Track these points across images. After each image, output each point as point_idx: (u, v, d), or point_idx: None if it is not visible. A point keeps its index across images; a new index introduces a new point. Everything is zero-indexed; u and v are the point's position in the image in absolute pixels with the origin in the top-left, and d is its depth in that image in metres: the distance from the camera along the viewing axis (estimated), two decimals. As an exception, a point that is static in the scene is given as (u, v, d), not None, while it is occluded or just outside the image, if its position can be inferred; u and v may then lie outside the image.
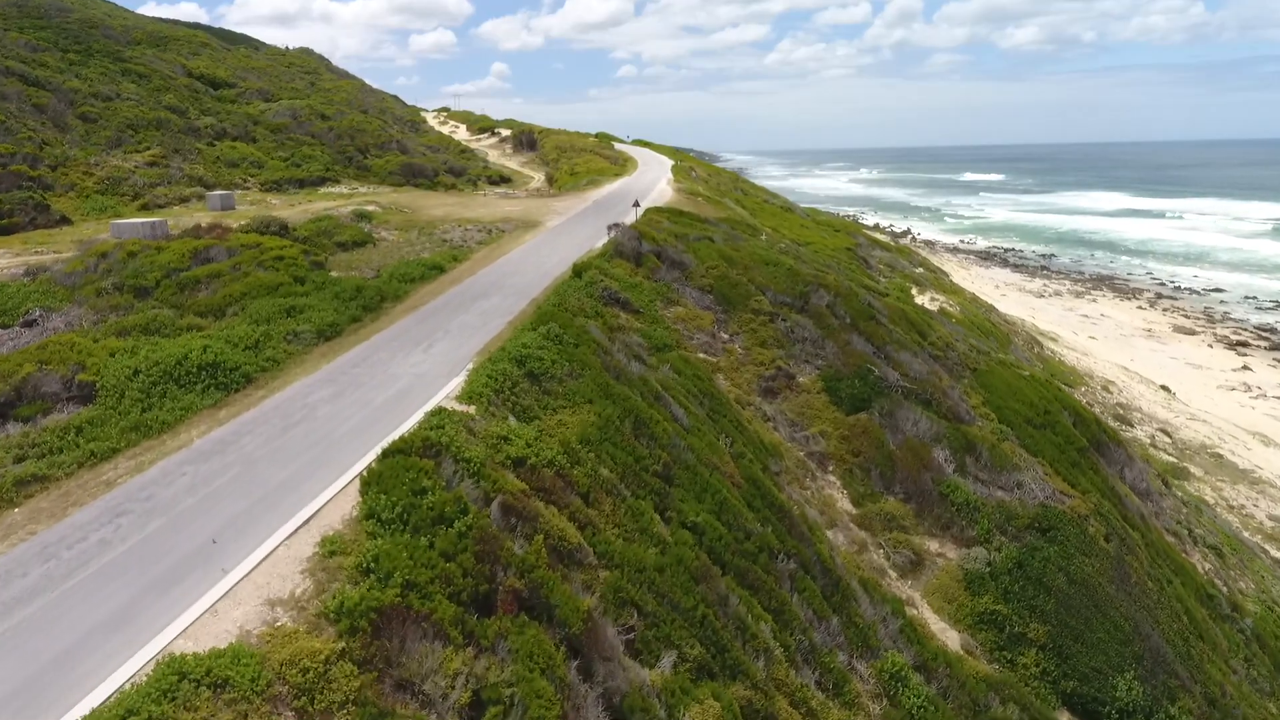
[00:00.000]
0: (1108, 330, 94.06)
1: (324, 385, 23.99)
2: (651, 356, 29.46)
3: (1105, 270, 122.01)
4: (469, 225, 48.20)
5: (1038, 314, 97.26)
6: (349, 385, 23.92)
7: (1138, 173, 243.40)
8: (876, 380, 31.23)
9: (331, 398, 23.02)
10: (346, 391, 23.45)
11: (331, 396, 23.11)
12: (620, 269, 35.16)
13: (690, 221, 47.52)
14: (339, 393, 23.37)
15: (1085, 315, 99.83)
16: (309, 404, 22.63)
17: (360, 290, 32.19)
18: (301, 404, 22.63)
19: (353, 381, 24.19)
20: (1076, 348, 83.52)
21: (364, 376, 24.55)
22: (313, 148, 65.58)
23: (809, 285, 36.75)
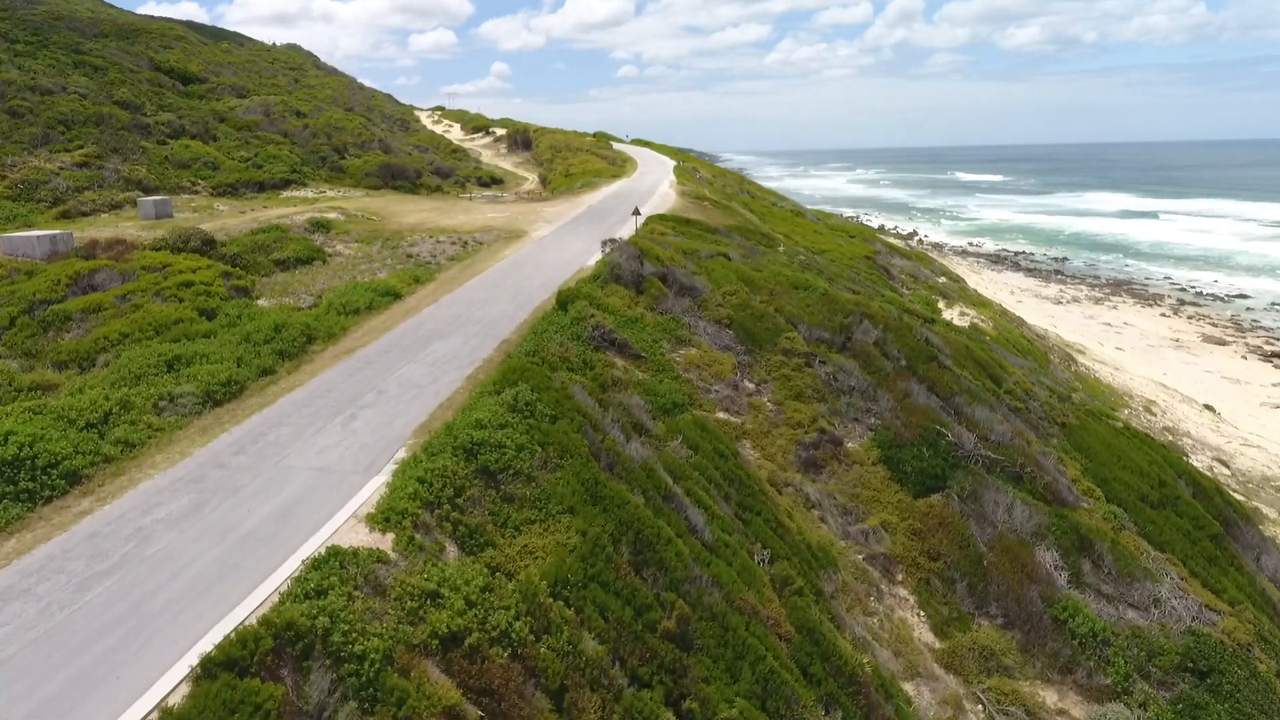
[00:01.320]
0: (1133, 340, 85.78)
1: (181, 490, 15.67)
2: (658, 422, 21.18)
3: (1122, 275, 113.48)
4: (443, 236, 39.89)
5: (1058, 323, 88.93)
6: (216, 491, 15.62)
7: (1141, 173, 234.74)
8: (949, 448, 22.94)
9: (182, 516, 14.73)
10: (209, 503, 15.15)
11: (183, 513, 14.81)
12: (617, 298, 26.82)
13: (699, 232, 39.21)
14: (197, 505, 15.07)
15: (1108, 324, 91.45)
16: (143, 529, 14.34)
17: (280, 329, 23.84)
18: (133, 529, 14.32)
19: (224, 484, 15.87)
20: (1106, 361, 75.16)
21: (244, 474, 16.24)
22: (280, 147, 57.29)
23: (850, 316, 28.43)
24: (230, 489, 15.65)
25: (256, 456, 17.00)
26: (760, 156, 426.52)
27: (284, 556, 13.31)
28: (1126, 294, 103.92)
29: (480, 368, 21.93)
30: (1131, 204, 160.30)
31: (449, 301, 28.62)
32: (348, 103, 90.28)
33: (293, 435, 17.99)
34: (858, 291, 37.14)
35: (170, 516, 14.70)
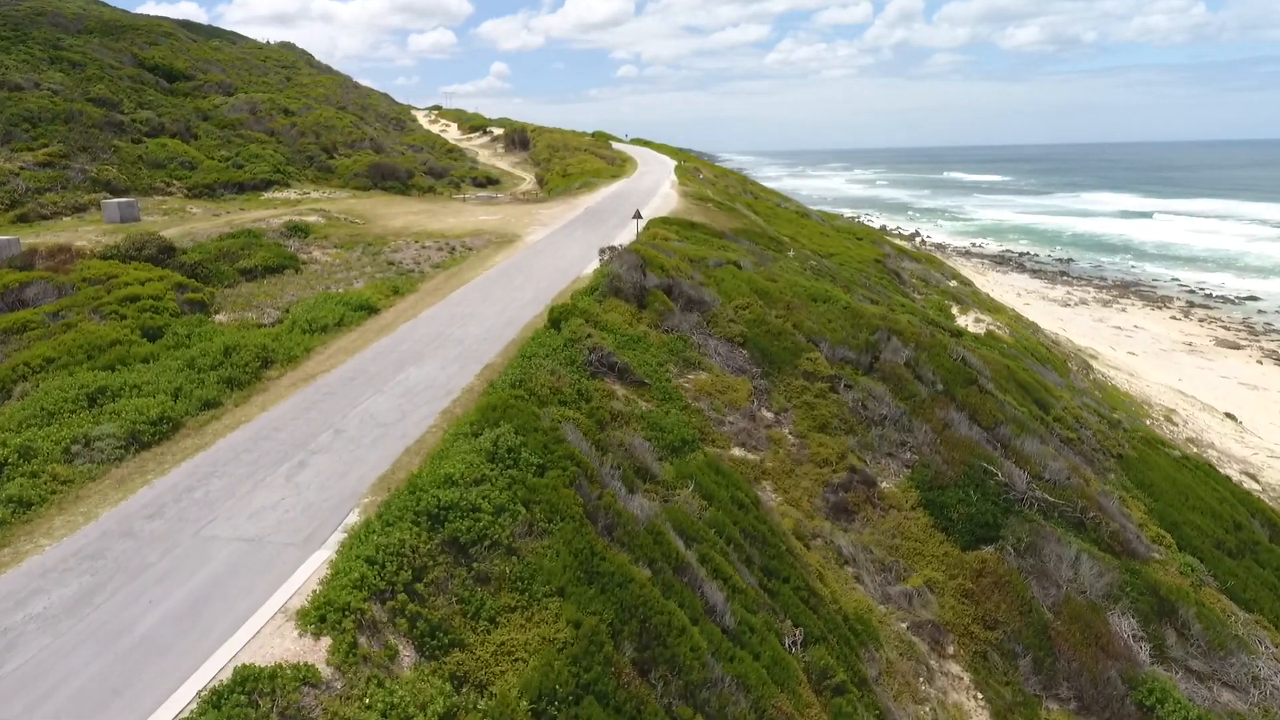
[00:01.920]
0: (1145, 344, 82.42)
1: (72, 571, 12.28)
2: (665, 464, 17.81)
3: (1129, 276, 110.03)
4: (429, 241, 36.47)
5: (1067, 326, 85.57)
6: (116, 572, 12.21)
7: (1142, 173, 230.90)
8: (999, 489, 19.57)
9: (65, 610, 11.34)
10: (103, 590, 11.76)
11: (67, 606, 11.42)
12: (616, 314, 23.41)
13: (705, 237, 35.81)
14: (88, 594, 11.69)
15: (1118, 327, 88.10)
16: (10, 631, 10.91)
17: (232, 352, 20.42)
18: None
19: (128, 561, 12.47)
20: (1120, 366, 71.80)
21: (155, 547, 12.83)
22: (264, 146, 53.87)
23: (877, 332, 25.03)
24: (134, 569, 12.25)
25: (175, 521, 13.59)
26: (759, 156, 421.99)
27: (179, 679, 9.93)
28: (1135, 296, 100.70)
29: (458, 400, 18.53)
30: (1133, 204, 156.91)
31: (429, 317, 25.20)
32: (341, 101, 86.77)
33: (225, 491, 14.58)
34: (877, 301, 33.77)
35: (50, 611, 11.31)
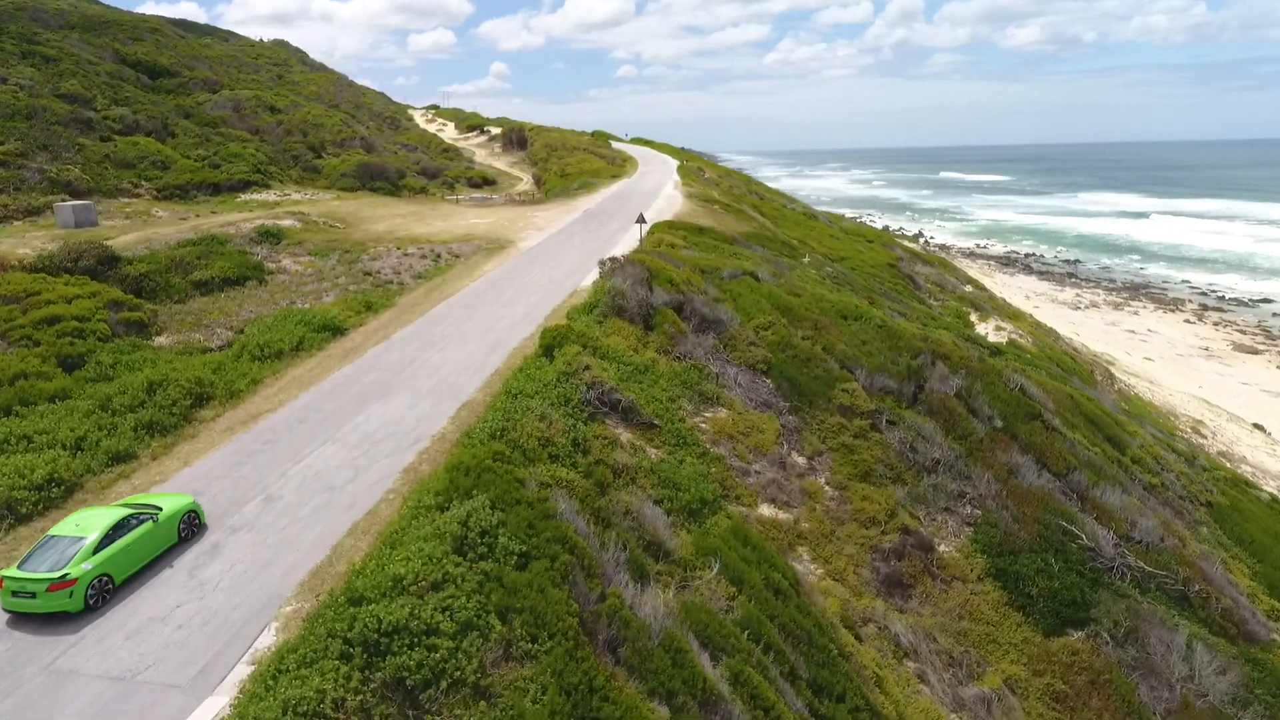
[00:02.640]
0: (1160, 349, 78.64)
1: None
2: (680, 533, 14.04)
3: (1138, 278, 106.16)
4: (413, 247, 32.65)
5: (1080, 330, 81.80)
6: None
7: (1143, 173, 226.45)
8: (1083, 555, 15.82)
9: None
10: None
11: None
12: (619, 337, 19.60)
13: (715, 243, 32.01)
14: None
15: (1131, 331, 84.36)
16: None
17: (157, 389, 16.62)
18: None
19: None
20: (1139, 373, 68.02)
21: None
22: (245, 144, 50.02)
23: (919, 356, 21.25)
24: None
25: (20, 649, 9.83)
26: (759, 156, 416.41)
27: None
28: (1146, 298, 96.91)
29: (427, 451, 14.75)
30: (1136, 204, 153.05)
31: (403, 339, 21.38)
32: (333, 100, 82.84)
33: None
34: (906, 315, 30.01)
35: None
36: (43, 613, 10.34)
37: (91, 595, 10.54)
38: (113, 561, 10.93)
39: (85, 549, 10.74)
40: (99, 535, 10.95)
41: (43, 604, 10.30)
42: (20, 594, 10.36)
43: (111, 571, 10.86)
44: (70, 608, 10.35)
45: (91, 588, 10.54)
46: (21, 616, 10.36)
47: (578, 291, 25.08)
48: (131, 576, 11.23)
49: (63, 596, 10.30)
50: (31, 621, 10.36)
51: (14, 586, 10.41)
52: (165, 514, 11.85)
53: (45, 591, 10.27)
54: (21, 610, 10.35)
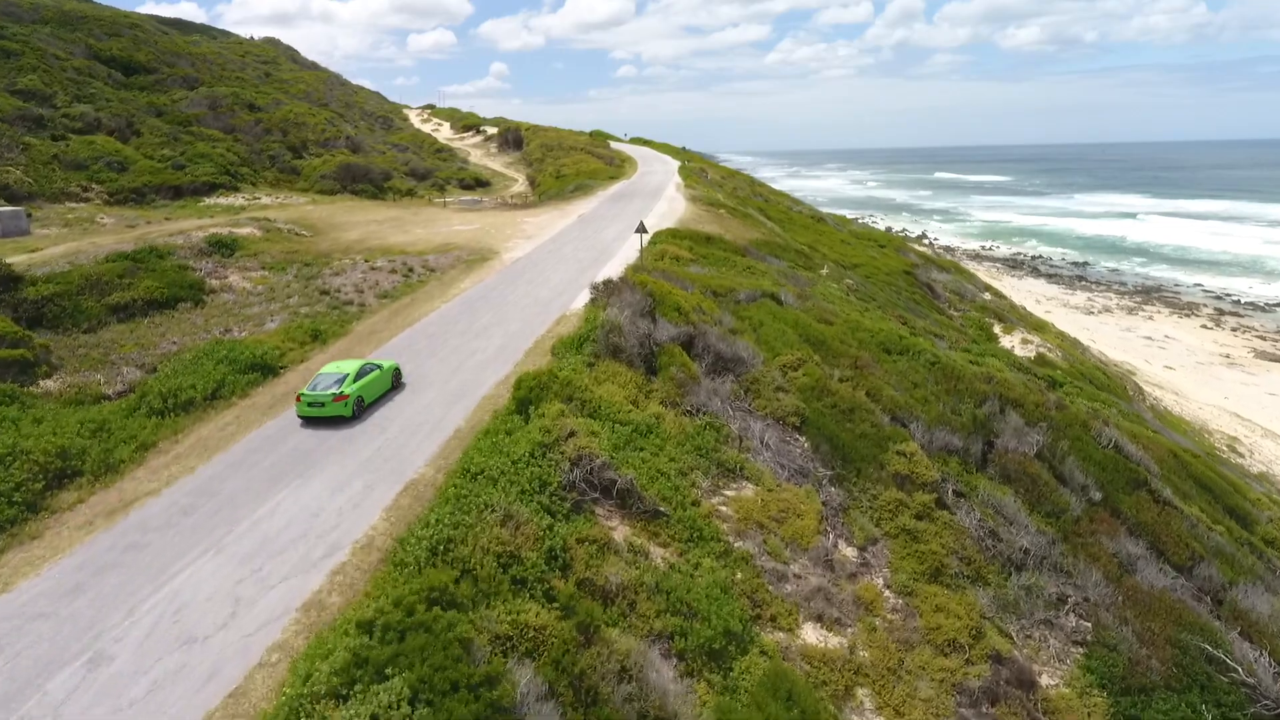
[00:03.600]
0: (1180, 356, 74.15)
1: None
2: (699, 694, 9.67)
3: (1150, 281, 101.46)
4: (383, 260, 28.15)
5: (1095, 336, 77.32)
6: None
7: (1146, 174, 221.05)
8: (1239, 693, 11.39)
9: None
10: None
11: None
12: (615, 385, 15.07)
13: (724, 254, 27.50)
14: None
15: (1148, 337, 79.87)
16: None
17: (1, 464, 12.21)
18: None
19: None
20: (1163, 384, 63.49)
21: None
22: (216, 144, 45.47)
23: (985, 402, 16.74)
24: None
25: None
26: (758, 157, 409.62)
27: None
28: (1159, 302, 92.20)
29: (342, 570, 10.22)
30: (1141, 205, 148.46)
31: (347, 383, 16.92)
32: (322, 98, 78.19)
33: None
34: (940, 333, 25.54)
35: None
36: (327, 416, 15.16)
37: (356, 407, 15.43)
38: (364, 389, 15.85)
39: (349, 378, 15.71)
40: (354, 372, 15.93)
41: (329, 410, 15.14)
42: (314, 404, 15.15)
43: (364, 395, 15.85)
44: (344, 413, 15.20)
45: (357, 403, 15.50)
46: (311, 420, 15.25)
47: (566, 317, 20.58)
48: (371, 403, 16.04)
49: (341, 406, 15.18)
50: (318, 423, 15.16)
51: (309, 399, 15.23)
52: (385, 369, 16.70)
53: (332, 401, 15.17)
54: (312, 415, 15.21)
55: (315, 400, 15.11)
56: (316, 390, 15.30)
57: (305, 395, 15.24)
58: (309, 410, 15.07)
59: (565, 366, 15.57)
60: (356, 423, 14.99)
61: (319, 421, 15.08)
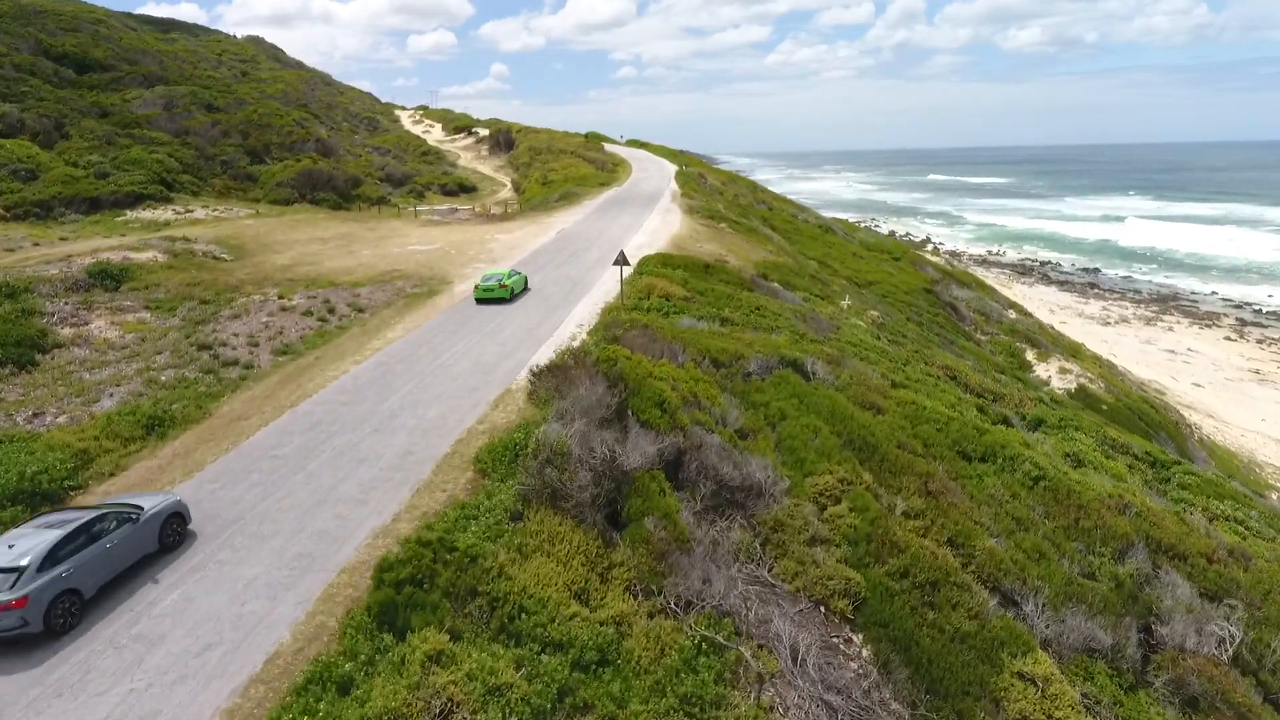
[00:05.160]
0: (1206, 372, 67.64)
1: None
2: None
3: (1165, 289, 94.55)
4: (304, 296, 21.86)
5: (1115, 350, 70.83)
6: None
7: (1149, 176, 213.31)
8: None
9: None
10: None
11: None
12: (548, 562, 8.71)
13: (729, 291, 21.15)
14: None
15: (1171, 351, 73.34)
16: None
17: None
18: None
19: None
20: (1194, 405, 56.98)
21: None
22: (157, 149, 39.16)
23: (1127, 553, 10.38)
24: None
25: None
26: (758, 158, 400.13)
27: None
28: (1177, 311, 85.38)
29: None
30: (1148, 208, 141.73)
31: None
32: (301, 98, 71.74)
33: None
34: (1004, 390, 19.21)
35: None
36: (494, 298, 21.42)
37: (514, 293, 21.96)
38: (516, 282, 22.33)
39: (506, 273, 22.16)
40: (508, 271, 22.56)
41: (496, 294, 21.48)
42: (487, 289, 21.61)
43: (515, 287, 22.35)
44: (504, 296, 21.56)
45: (512, 291, 21.97)
46: (484, 301, 21.46)
47: (511, 393, 14.28)
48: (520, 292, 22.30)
49: (503, 292, 21.51)
50: (488, 302, 21.36)
51: (484, 285, 21.84)
52: (518, 280, 22.91)
53: (498, 287, 21.67)
54: (485, 298, 21.50)
55: (488, 286, 21.65)
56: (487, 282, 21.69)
57: (479, 286, 21.72)
58: (481, 294, 21.49)
59: (467, 534, 9.29)
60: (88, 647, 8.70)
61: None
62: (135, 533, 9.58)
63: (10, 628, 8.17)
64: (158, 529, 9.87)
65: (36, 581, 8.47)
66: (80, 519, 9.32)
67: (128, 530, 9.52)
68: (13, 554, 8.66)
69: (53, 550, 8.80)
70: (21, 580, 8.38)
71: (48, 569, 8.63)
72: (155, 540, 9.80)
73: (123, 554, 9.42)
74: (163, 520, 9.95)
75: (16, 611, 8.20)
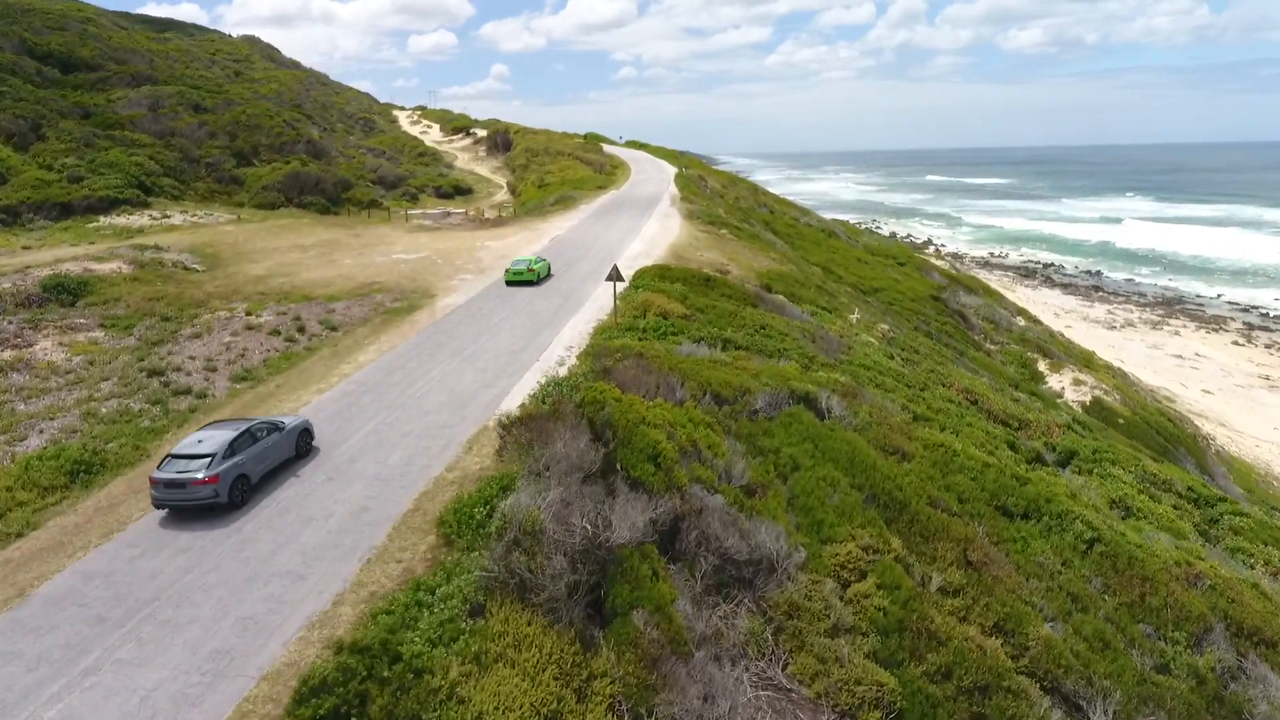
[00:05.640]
0: (1215, 378, 65.76)
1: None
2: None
3: (1170, 292, 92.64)
4: (273, 312, 20.09)
5: (1122, 355, 68.97)
6: None
7: (1150, 177, 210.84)
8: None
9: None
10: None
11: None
12: (512, 675, 6.98)
13: (731, 306, 19.34)
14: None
15: (1178, 357, 71.42)
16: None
17: None
18: None
19: None
20: (1205, 413, 55.17)
21: None
22: (138, 151, 37.34)
23: (1204, 632, 8.56)
24: None
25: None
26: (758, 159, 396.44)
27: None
28: (1183, 315, 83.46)
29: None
30: (1150, 209, 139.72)
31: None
32: (295, 98, 69.91)
33: None
34: (1023, 420, 17.42)
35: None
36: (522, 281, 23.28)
37: (540, 278, 23.77)
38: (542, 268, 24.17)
39: (533, 259, 24.02)
40: (535, 258, 24.47)
41: (525, 276, 23.36)
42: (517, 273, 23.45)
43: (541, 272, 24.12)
44: (532, 280, 23.42)
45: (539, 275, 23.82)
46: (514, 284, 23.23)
47: (487, 431, 12.50)
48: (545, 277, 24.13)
49: (530, 276, 23.42)
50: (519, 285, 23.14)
51: (513, 269, 23.65)
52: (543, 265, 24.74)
53: (526, 271, 23.45)
54: (514, 281, 23.36)
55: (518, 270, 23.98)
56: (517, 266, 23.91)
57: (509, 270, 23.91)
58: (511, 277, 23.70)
59: (429, 607, 7.52)
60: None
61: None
62: (282, 439, 12.15)
63: (207, 498, 10.70)
64: (294, 440, 12.41)
65: (222, 465, 10.95)
66: (245, 425, 11.82)
67: (277, 437, 12.08)
68: (203, 446, 11.16)
69: (231, 444, 11.29)
70: (213, 464, 10.85)
71: (229, 457, 11.12)
72: (293, 448, 12.38)
73: (274, 454, 11.94)
74: (297, 434, 12.52)
75: (211, 486, 10.73)
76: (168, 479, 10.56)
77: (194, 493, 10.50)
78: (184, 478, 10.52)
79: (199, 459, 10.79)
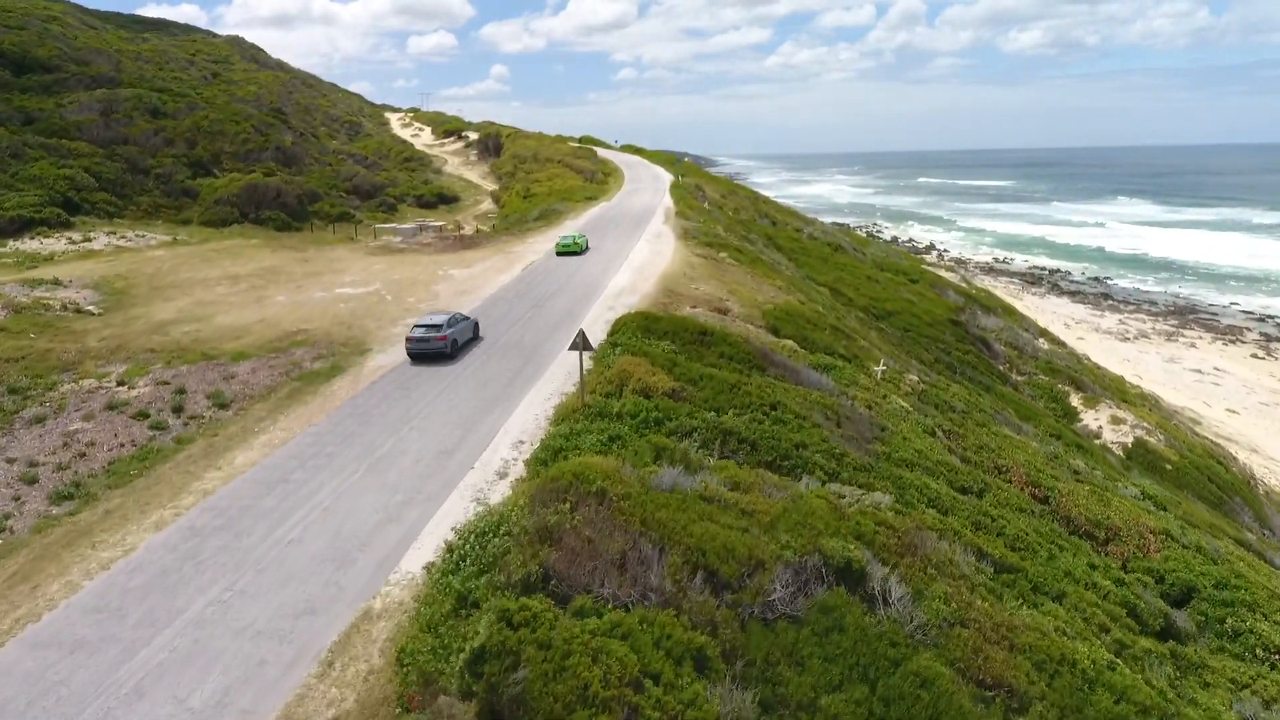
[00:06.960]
0: (1238, 395, 60.85)
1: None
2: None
3: (1182, 301, 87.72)
4: (149, 383, 15.41)
5: (1140, 371, 64.05)
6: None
7: (1151, 180, 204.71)
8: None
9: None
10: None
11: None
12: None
13: (733, 377, 14.65)
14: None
15: (1198, 371, 66.47)
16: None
17: None
18: None
19: None
20: (1233, 437, 50.23)
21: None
22: (75, 161, 32.59)
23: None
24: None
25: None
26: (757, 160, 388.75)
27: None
28: (1197, 325, 78.29)
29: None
30: (1154, 214, 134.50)
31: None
32: (275, 101, 65.04)
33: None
34: (1109, 526, 12.86)
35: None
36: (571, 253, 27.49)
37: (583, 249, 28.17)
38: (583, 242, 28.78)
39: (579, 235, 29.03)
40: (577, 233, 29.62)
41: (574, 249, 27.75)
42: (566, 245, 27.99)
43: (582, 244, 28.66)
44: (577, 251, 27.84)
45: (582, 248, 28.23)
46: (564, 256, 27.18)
47: (370, 620, 7.88)
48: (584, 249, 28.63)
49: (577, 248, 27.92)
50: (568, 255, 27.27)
51: (562, 244, 28.09)
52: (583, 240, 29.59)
53: (573, 243, 27.98)
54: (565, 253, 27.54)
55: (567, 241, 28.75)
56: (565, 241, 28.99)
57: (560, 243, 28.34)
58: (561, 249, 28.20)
59: None
60: None
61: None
62: (469, 325, 18.53)
63: (442, 350, 16.97)
64: (474, 327, 18.76)
65: (447, 331, 17.28)
66: (451, 314, 18.13)
67: (468, 323, 18.48)
68: (437, 320, 17.49)
69: (449, 320, 17.65)
70: (443, 329, 17.16)
71: (449, 328, 17.41)
72: (473, 331, 18.73)
73: (466, 333, 18.25)
74: (474, 323, 18.88)
75: (444, 342, 17.01)
76: (418, 337, 16.87)
77: (435, 346, 16.79)
78: (430, 335, 16.84)
79: (435, 327, 16.99)
